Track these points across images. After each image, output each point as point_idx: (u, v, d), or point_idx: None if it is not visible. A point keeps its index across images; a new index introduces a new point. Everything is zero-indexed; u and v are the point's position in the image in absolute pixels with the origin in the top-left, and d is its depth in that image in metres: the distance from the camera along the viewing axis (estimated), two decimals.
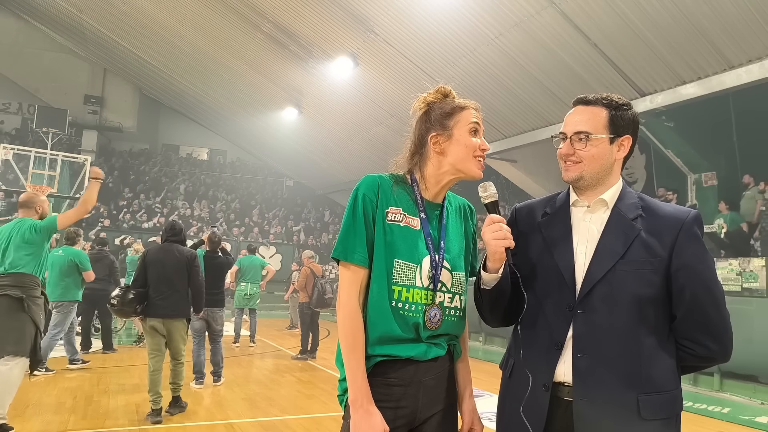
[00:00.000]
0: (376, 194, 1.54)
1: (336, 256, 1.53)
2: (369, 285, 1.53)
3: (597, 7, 8.14)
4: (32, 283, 4.06)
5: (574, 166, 1.50)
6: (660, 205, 1.51)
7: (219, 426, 4.66)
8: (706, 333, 1.41)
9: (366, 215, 1.52)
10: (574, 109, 1.54)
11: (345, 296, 1.51)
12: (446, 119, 1.58)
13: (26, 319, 3.94)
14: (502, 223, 1.47)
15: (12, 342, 3.88)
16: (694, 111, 9.38)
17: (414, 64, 11.32)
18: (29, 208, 4.25)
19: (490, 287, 1.52)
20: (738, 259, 7.46)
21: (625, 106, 1.52)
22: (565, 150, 1.50)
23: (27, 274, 4.04)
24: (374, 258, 1.52)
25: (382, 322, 1.49)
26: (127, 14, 15.22)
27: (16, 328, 3.91)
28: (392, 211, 1.54)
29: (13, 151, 14.80)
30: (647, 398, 1.37)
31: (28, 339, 3.94)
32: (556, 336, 1.44)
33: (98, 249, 8.24)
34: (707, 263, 1.43)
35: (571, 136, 1.49)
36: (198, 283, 5.04)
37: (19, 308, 3.92)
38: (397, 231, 1.53)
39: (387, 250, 1.51)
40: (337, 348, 1.55)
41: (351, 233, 1.52)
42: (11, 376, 3.90)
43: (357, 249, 1.51)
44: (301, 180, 23.29)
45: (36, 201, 4.30)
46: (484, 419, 1.73)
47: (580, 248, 1.49)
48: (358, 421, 1.42)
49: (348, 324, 1.49)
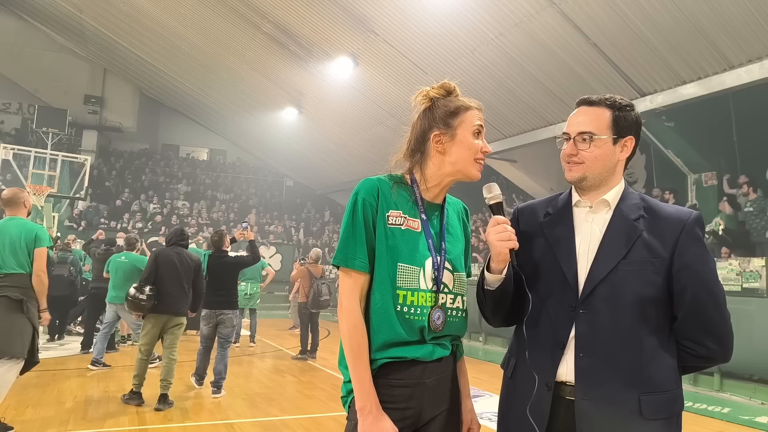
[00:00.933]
0: (376, 198, 1.52)
1: (336, 263, 1.51)
2: (371, 291, 1.51)
3: (597, 7, 8.13)
4: (30, 283, 4.05)
5: (577, 166, 1.50)
6: (662, 205, 1.52)
7: (219, 426, 4.66)
8: (707, 333, 1.42)
9: (366, 220, 1.50)
10: (578, 110, 1.54)
11: (347, 303, 1.49)
12: (450, 118, 1.56)
13: (25, 320, 3.94)
14: (506, 224, 1.47)
15: (11, 344, 3.87)
16: (694, 111, 9.37)
17: (414, 64, 11.32)
18: (17, 204, 4.19)
19: (494, 288, 1.52)
20: (738, 259, 7.46)
21: (628, 107, 1.52)
22: (568, 150, 1.50)
23: (25, 274, 4.03)
24: (377, 263, 1.50)
25: (388, 328, 1.48)
26: (127, 14, 15.21)
27: (15, 329, 3.90)
28: (393, 214, 1.53)
29: (13, 151, 14.81)
30: (648, 398, 1.37)
31: (26, 341, 3.94)
32: (559, 336, 1.45)
33: (105, 248, 8.32)
34: (709, 264, 1.44)
35: (575, 137, 1.50)
36: (201, 287, 5.56)
37: (18, 309, 3.92)
38: (398, 235, 1.52)
39: (389, 255, 1.50)
40: (340, 351, 1.54)
41: (351, 239, 1.50)
42: (7, 378, 3.90)
43: (357, 255, 1.49)
44: (301, 180, 23.28)
45: (22, 196, 4.24)
46: (485, 419, 1.73)
47: (582, 249, 1.49)
48: (368, 427, 1.41)
49: (353, 332, 1.48)
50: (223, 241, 6.08)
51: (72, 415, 4.79)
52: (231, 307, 5.83)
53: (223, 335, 5.84)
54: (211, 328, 5.78)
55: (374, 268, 1.51)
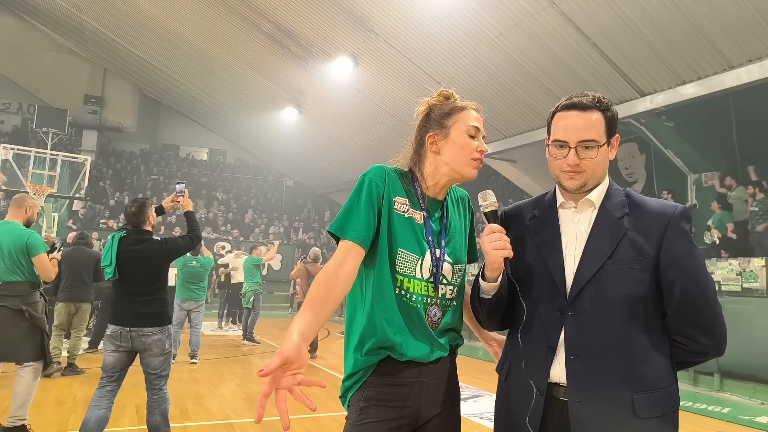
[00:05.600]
0: (384, 182, 1.54)
1: (331, 230, 1.51)
2: (370, 271, 1.52)
3: (597, 7, 8.14)
4: (28, 289, 4.04)
5: (579, 175, 1.46)
6: (647, 201, 1.50)
7: (219, 426, 4.66)
8: (698, 328, 1.41)
9: (371, 199, 1.51)
10: (570, 114, 1.46)
11: (332, 264, 1.46)
12: (444, 119, 1.58)
13: (29, 326, 3.96)
14: (501, 232, 1.46)
15: (19, 350, 3.92)
16: (694, 111, 9.37)
17: (414, 64, 11.32)
18: (20, 207, 4.16)
19: (489, 296, 1.53)
20: (738, 259, 7.46)
21: (611, 105, 1.50)
22: (571, 160, 1.44)
23: (23, 282, 4.01)
24: (379, 245, 1.51)
25: (387, 308, 1.49)
26: (127, 14, 15.22)
27: (19, 337, 3.92)
28: (399, 200, 1.55)
29: (13, 151, 14.81)
30: (642, 396, 1.37)
31: (36, 344, 3.98)
32: (550, 339, 1.44)
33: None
34: (696, 258, 1.42)
35: (576, 146, 1.44)
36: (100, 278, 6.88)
37: (19, 318, 3.93)
38: (403, 221, 1.54)
39: (392, 239, 1.52)
40: (344, 347, 1.56)
41: (352, 212, 1.51)
42: (28, 381, 3.97)
43: (354, 227, 1.48)
44: (301, 180, 23.28)
45: (28, 203, 4.21)
46: (485, 419, 1.73)
47: (569, 250, 1.48)
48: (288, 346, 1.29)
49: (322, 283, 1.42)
50: (141, 216, 3.73)
51: (72, 414, 4.79)
52: (152, 322, 3.61)
53: (151, 367, 3.63)
54: (122, 356, 3.58)
55: (375, 249, 1.51)
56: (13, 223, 4.11)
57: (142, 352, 3.60)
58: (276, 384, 1.25)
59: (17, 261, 3.99)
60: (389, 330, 1.48)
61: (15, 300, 3.94)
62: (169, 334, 3.72)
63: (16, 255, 3.99)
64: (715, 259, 7.86)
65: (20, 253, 4.00)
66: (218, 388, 6.10)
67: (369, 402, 1.48)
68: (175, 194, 4.02)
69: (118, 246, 3.63)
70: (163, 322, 3.66)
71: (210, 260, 8.16)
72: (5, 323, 3.89)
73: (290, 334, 1.31)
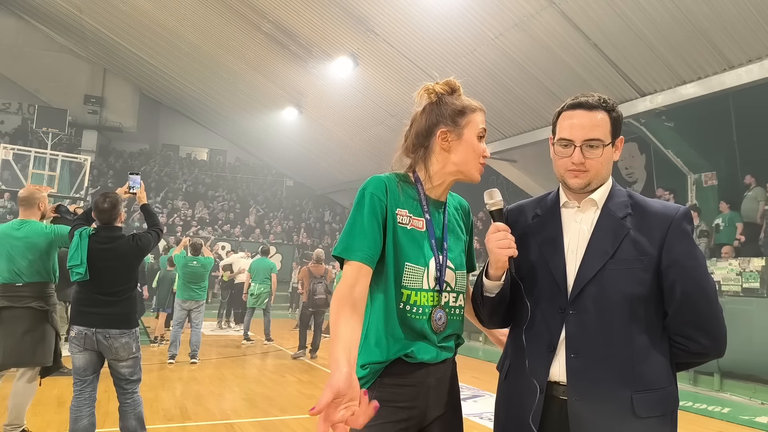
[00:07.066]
0: (385, 195, 1.50)
1: (336, 254, 1.47)
2: (374, 288, 1.50)
3: (597, 7, 8.13)
4: (51, 291, 3.99)
5: (583, 174, 1.47)
6: (649, 202, 1.51)
7: (219, 426, 4.66)
8: (699, 329, 1.41)
9: (375, 215, 1.48)
10: (576, 113, 1.48)
11: (344, 287, 1.41)
12: (458, 117, 1.55)
13: (50, 330, 3.91)
14: (506, 231, 1.46)
15: (44, 354, 3.85)
16: (694, 111, 9.36)
17: (414, 64, 11.32)
18: (32, 206, 4.03)
19: (493, 295, 1.53)
20: (738, 259, 7.45)
21: (616, 107, 1.51)
22: (576, 159, 1.46)
23: (45, 282, 3.95)
24: (386, 262, 1.48)
25: (391, 323, 1.48)
26: (127, 14, 15.21)
27: (46, 341, 3.87)
28: (401, 213, 1.52)
29: (13, 151, 14.81)
30: (641, 396, 1.37)
31: (51, 349, 3.93)
32: (551, 338, 1.45)
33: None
34: (698, 259, 1.43)
35: (582, 144, 1.46)
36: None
37: (44, 320, 3.88)
38: (406, 234, 1.51)
39: (398, 254, 1.49)
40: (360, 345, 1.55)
41: (356, 231, 1.46)
42: (30, 386, 3.93)
43: (359, 246, 1.44)
44: (301, 180, 23.26)
45: (38, 197, 4.09)
46: (485, 419, 1.74)
47: (571, 249, 1.49)
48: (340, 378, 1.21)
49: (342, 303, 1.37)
50: (115, 213, 3.62)
51: None
52: (119, 323, 3.44)
53: (119, 373, 3.47)
54: (91, 356, 3.45)
55: (381, 266, 1.48)
56: (31, 222, 4.00)
57: (109, 356, 3.43)
58: (330, 420, 1.14)
59: (43, 259, 3.91)
60: (394, 346, 1.47)
61: (40, 301, 3.86)
62: (136, 337, 3.55)
63: (40, 253, 3.90)
64: (715, 259, 7.86)
65: (44, 252, 3.92)
66: (218, 388, 6.10)
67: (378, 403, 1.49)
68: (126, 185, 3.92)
69: (88, 243, 3.45)
70: (131, 325, 3.49)
71: (210, 260, 8.27)
72: (27, 325, 3.79)
73: (336, 364, 1.23)
